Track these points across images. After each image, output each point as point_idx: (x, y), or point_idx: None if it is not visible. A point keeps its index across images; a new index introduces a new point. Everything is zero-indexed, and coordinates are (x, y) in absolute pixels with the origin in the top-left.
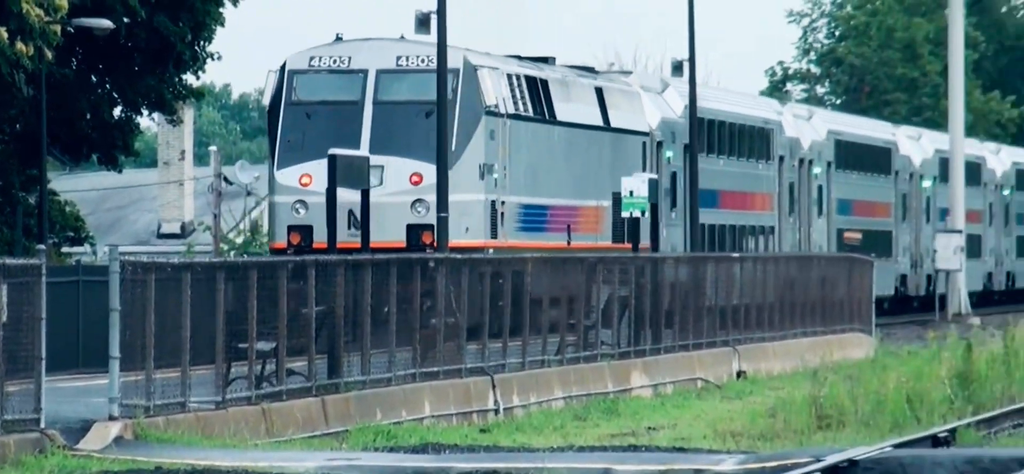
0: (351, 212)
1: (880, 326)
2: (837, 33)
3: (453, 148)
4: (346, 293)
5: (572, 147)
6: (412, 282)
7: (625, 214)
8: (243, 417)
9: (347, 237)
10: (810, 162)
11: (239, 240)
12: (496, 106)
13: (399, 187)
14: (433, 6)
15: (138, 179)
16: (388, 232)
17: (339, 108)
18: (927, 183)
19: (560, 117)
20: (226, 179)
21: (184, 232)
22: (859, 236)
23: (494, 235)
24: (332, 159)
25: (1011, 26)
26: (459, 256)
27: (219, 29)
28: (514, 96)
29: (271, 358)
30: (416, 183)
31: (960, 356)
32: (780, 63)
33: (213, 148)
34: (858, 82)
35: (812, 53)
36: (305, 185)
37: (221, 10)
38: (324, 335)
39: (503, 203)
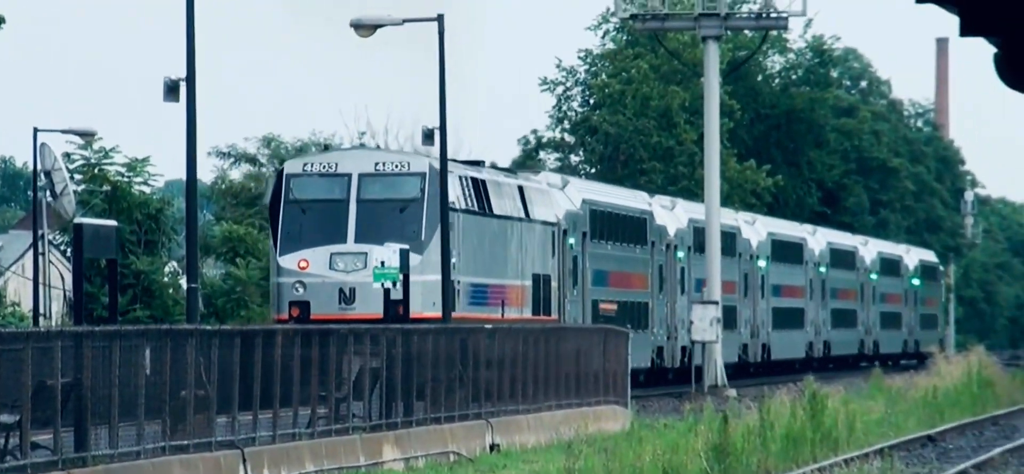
0: (341, 290)
1: (636, 398)
2: (592, 101)
3: (423, 237)
4: (94, 365)
5: (504, 235)
6: (164, 353)
7: (376, 285)
8: None
9: (338, 310)
10: (675, 247)
11: None
12: (454, 203)
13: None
14: (182, 72)
15: None
16: (370, 306)
17: (329, 205)
18: (762, 263)
19: (495, 211)
20: None
21: None
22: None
23: (453, 309)
24: (78, 228)
25: (766, 95)
26: (209, 328)
27: None
28: (465, 194)
29: (15, 431)
30: None
31: (716, 428)
32: (533, 131)
33: None
34: (613, 151)
35: (566, 121)
36: (303, 268)
37: None
38: (71, 408)
39: (459, 282)
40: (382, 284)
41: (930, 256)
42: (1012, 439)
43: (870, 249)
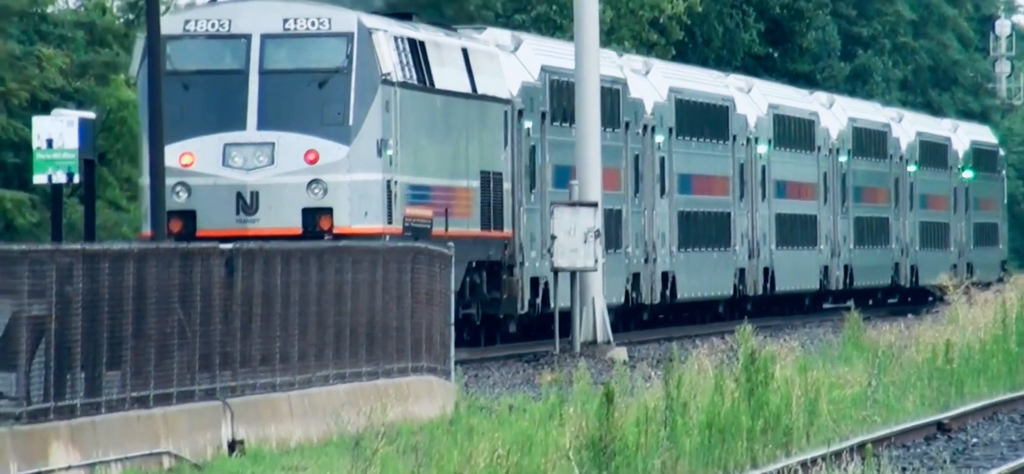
0: (240, 194)
1: (466, 363)
2: None
3: (351, 122)
4: None
5: (448, 118)
6: None
7: (41, 177)
8: None
9: (236, 224)
10: (652, 128)
11: None
12: (390, 74)
13: (293, 167)
14: None
15: None
16: (282, 217)
17: (221, 78)
18: (763, 148)
19: (438, 84)
20: None
21: None
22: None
23: (390, 220)
24: None
25: None
26: None
27: None
28: (401, 62)
29: None
30: (312, 162)
31: (595, 413)
32: None
33: None
34: None
35: None
36: (186, 166)
37: None
38: None
39: (396, 183)
40: (49, 177)
41: (985, 135)
42: None
43: (905, 128)
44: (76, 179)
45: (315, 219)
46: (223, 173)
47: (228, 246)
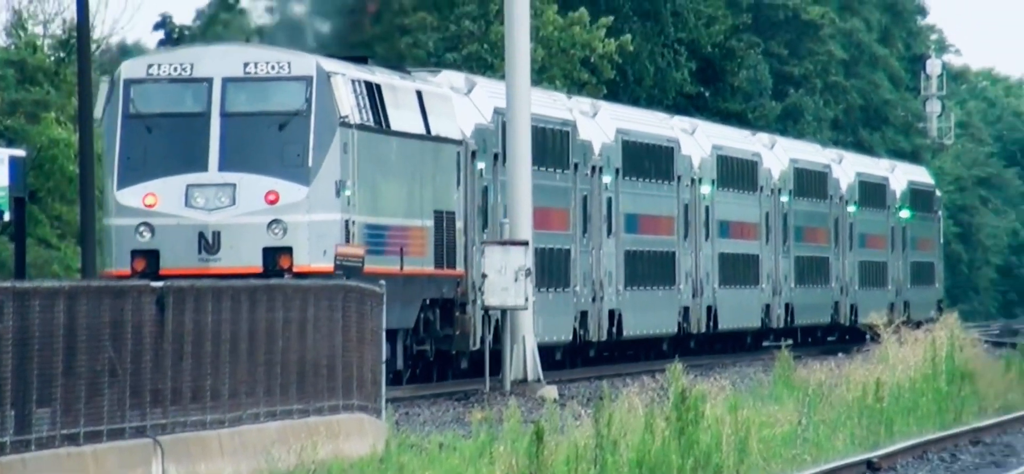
0: (202, 234)
1: (397, 400)
2: None
3: (310, 164)
4: None
5: (403, 159)
6: None
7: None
8: None
9: (198, 263)
10: (600, 169)
11: None
12: (348, 117)
13: (253, 207)
14: None
15: None
16: (243, 257)
17: (183, 120)
18: (706, 189)
19: (393, 126)
20: None
21: None
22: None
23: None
24: None
25: None
26: None
27: None
28: (359, 104)
29: None
30: (272, 202)
31: (525, 451)
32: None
33: None
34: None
35: None
36: (150, 206)
37: None
38: None
39: (354, 223)
40: None
41: (921, 175)
42: (1004, 467)
43: (845, 169)
44: (6, 217)
45: (275, 258)
46: (186, 213)
47: (158, 284)
